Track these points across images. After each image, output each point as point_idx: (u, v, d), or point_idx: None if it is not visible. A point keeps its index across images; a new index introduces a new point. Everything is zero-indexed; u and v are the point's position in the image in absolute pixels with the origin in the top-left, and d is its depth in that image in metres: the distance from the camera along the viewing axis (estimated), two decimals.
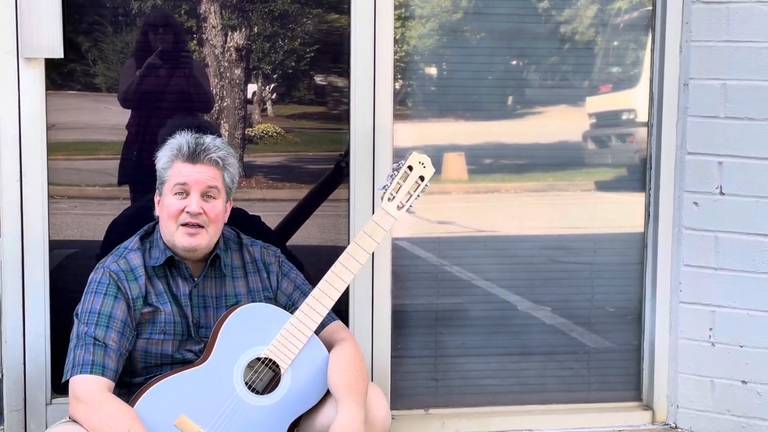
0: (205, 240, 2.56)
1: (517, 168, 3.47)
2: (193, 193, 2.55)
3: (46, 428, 2.68)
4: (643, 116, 3.46)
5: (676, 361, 3.40)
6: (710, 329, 3.34)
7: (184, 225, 2.54)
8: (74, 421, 2.42)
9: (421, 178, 2.63)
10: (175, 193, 2.55)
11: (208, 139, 2.61)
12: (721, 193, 3.30)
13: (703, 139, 3.31)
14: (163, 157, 2.61)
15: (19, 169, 2.96)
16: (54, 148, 3.02)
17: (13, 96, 2.94)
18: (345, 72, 3.22)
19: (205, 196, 2.56)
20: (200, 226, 2.54)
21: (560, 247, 3.52)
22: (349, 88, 3.18)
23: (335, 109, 3.32)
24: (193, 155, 2.56)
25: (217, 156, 2.58)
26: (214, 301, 2.63)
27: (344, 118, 3.25)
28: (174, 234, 2.55)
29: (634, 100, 3.49)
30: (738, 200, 3.27)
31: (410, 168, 2.63)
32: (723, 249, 3.30)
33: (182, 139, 2.60)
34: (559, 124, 3.47)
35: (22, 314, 3.00)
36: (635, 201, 3.47)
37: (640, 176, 3.47)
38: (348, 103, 3.20)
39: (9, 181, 2.96)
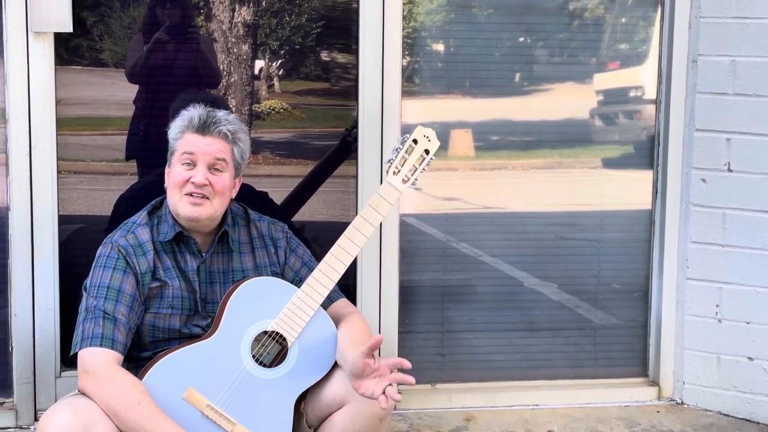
0: (208, 211, 2.56)
1: (524, 145, 3.47)
2: (200, 164, 2.55)
3: (56, 401, 2.69)
4: (650, 93, 3.45)
5: (683, 337, 3.40)
6: (717, 306, 3.34)
7: (188, 195, 2.54)
8: (83, 393, 2.42)
9: (426, 151, 2.63)
10: (183, 163, 2.55)
11: (221, 113, 2.61)
12: (729, 170, 3.29)
13: (712, 116, 3.30)
14: (174, 127, 2.61)
15: (28, 143, 2.97)
16: (61, 124, 3.03)
17: (22, 70, 2.94)
18: (352, 48, 3.22)
19: (212, 168, 2.56)
20: (205, 197, 2.54)
21: (567, 223, 3.52)
22: (356, 64, 3.18)
23: (342, 86, 3.32)
24: (203, 127, 2.56)
25: (226, 129, 2.58)
26: (221, 276, 2.64)
27: (351, 94, 3.25)
28: (178, 203, 2.55)
29: (642, 77, 3.48)
30: (746, 177, 3.27)
31: (415, 141, 2.62)
32: (730, 226, 3.29)
33: (194, 111, 2.59)
34: (566, 101, 3.47)
35: (31, 288, 3.01)
36: (642, 178, 3.47)
37: (648, 153, 3.46)
38: (355, 80, 3.19)
39: (18, 155, 2.97)
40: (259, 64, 3.28)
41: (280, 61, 3.31)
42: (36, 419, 3.05)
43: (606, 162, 3.52)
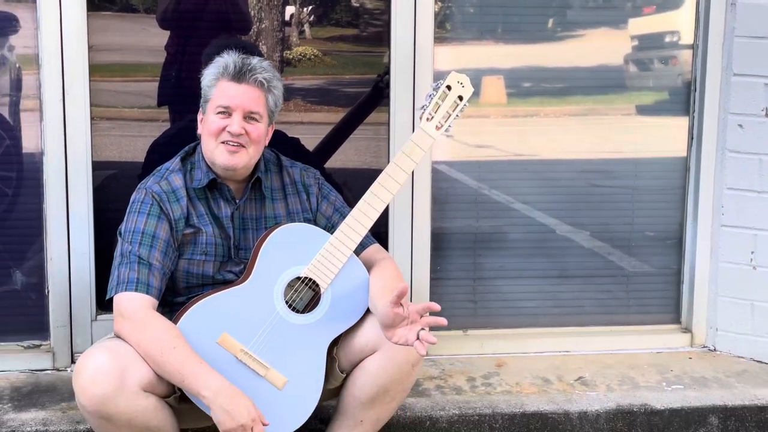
0: (244, 159, 2.56)
1: (557, 91, 3.43)
2: (236, 114, 2.54)
3: (92, 344, 2.74)
4: (686, 38, 3.39)
5: (717, 284, 3.38)
6: (752, 252, 3.31)
7: (224, 143, 2.54)
8: (119, 337, 2.46)
9: (460, 97, 2.60)
10: (218, 113, 2.55)
11: (255, 60, 2.60)
12: (767, 115, 3.24)
13: (750, 60, 3.24)
14: (208, 75, 2.60)
15: (61, 88, 2.97)
16: (93, 70, 3.02)
17: (54, 15, 2.94)
18: None
19: (248, 118, 2.56)
20: (241, 146, 2.55)
21: (600, 170, 3.49)
22: (388, 9, 3.14)
23: (373, 32, 3.29)
24: (239, 74, 2.55)
25: (262, 77, 2.56)
26: (254, 223, 2.65)
27: (382, 40, 3.22)
28: (214, 151, 2.56)
29: (679, 21, 3.42)
30: None
31: (449, 87, 2.60)
32: (767, 172, 3.25)
33: (229, 58, 2.58)
34: (600, 47, 3.42)
35: (66, 232, 3.04)
36: (677, 124, 3.42)
37: (683, 99, 3.41)
38: (386, 25, 3.16)
39: (52, 99, 2.98)
40: (290, 10, 3.25)
41: (310, 6, 3.29)
42: (73, 361, 3.10)
43: (640, 108, 3.48)
